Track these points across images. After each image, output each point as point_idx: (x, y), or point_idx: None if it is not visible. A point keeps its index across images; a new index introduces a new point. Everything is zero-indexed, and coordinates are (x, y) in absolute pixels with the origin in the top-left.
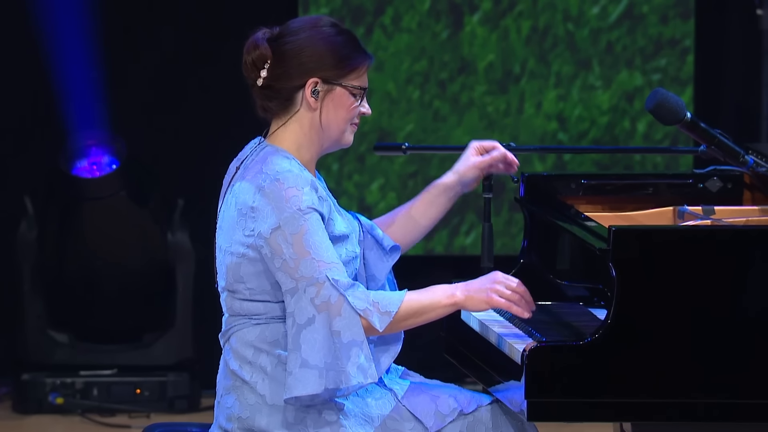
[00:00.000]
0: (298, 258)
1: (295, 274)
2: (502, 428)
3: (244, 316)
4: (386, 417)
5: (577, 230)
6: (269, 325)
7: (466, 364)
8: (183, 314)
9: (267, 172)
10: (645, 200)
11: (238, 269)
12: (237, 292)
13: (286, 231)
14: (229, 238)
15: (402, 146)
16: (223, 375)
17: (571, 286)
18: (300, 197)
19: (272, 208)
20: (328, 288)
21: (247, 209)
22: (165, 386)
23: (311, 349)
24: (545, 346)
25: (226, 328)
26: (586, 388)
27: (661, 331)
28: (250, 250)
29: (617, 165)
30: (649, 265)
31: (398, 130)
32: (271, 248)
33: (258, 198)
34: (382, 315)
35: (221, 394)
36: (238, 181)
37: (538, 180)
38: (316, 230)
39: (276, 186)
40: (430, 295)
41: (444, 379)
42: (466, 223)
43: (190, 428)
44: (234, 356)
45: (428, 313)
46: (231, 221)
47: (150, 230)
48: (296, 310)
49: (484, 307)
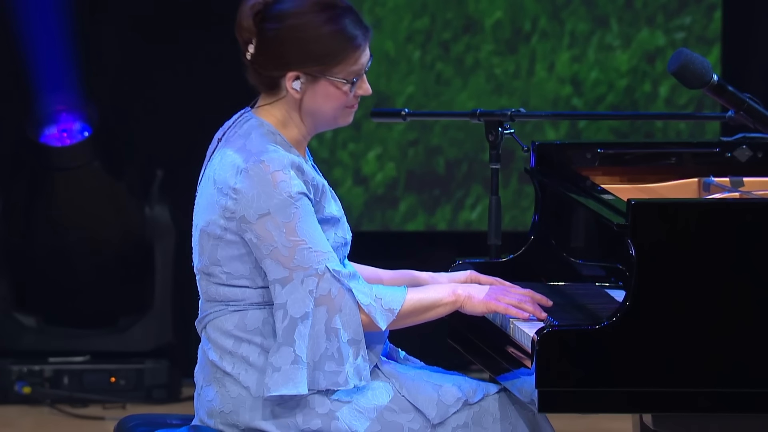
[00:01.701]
0: (293, 247)
1: (290, 263)
2: (511, 419)
3: (220, 302)
4: (383, 408)
5: (593, 204)
6: (248, 312)
7: (472, 351)
8: (162, 296)
9: (250, 151)
10: (667, 171)
11: (214, 251)
12: (213, 275)
13: (277, 218)
14: (205, 217)
15: (401, 112)
16: (202, 366)
17: (587, 265)
18: (289, 182)
19: (258, 193)
20: (329, 280)
21: (228, 189)
22: (142, 374)
23: (306, 346)
24: (558, 330)
25: (202, 314)
26: (602, 377)
27: (686, 314)
28: (229, 233)
29: (637, 132)
30: (672, 242)
31: (397, 94)
32: (259, 235)
33: (241, 180)
34: (385, 312)
35: (201, 386)
36: (218, 154)
37: (550, 149)
38: (308, 217)
39: (260, 168)
40: (432, 293)
41: (447, 366)
42: (472, 196)
43: (170, 420)
44: (213, 346)
45: (429, 311)
46: (209, 198)
47: (126, 204)
48: (290, 302)
49: (482, 310)
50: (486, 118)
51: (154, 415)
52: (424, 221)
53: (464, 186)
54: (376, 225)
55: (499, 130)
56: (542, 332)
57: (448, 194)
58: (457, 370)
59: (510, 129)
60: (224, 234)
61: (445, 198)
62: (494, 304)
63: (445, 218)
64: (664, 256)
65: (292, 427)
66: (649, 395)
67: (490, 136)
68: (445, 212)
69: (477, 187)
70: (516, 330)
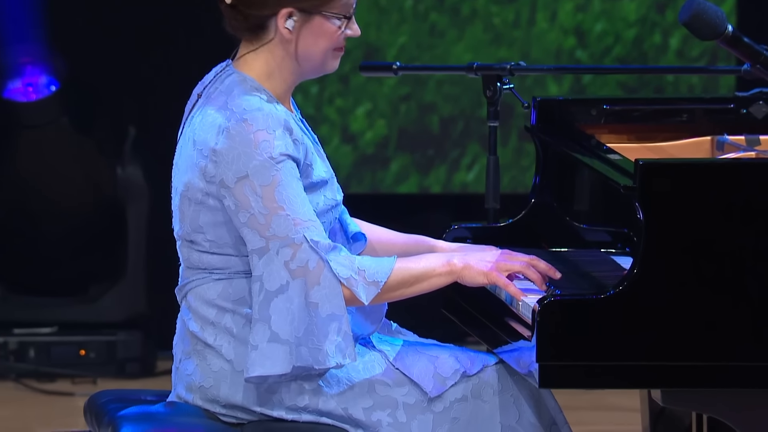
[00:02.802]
0: (270, 213)
1: (266, 232)
2: (512, 391)
3: (203, 269)
4: (376, 382)
5: (598, 164)
6: (233, 281)
7: (468, 322)
8: (135, 262)
9: (232, 109)
10: (678, 129)
11: (196, 217)
12: (195, 242)
13: (255, 181)
14: (185, 180)
15: (392, 65)
16: (181, 337)
17: (591, 230)
18: (271, 142)
19: (238, 154)
20: (306, 251)
21: (208, 151)
22: (114, 347)
23: (282, 321)
24: (560, 300)
25: (183, 282)
26: (608, 350)
27: (698, 283)
28: (210, 198)
29: (646, 87)
30: (683, 205)
31: (388, 46)
32: (237, 200)
33: (221, 140)
34: (368, 285)
35: (180, 359)
36: (198, 112)
37: (552, 105)
38: (290, 182)
39: (243, 128)
40: (423, 263)
41: (442, 339)
42: (468, 156)
43: (144, 396)
44: (194, 316)
45: (421, 282)
46: (188, 161)
47: (96, 164)
48: (266, 274)
49: (482, 280)
50: (483, 72)
51: (127, 391)
52: (417, 183)
53: (460, 145)
54: (365, 187)
55: (497, 84)
56: (544, 302)
57: (443, 154)
58: (452, 343)
59: (509, 84)
60: (206, 199)
61: (439, 158)
62: (495, 276)
63: (440, 180)
64: (675, 220)
65: (277, 405)
66: (659, 369)
67: (488, 91)
68: (439, 173)
69: (474, 147)
70: (516, 300)
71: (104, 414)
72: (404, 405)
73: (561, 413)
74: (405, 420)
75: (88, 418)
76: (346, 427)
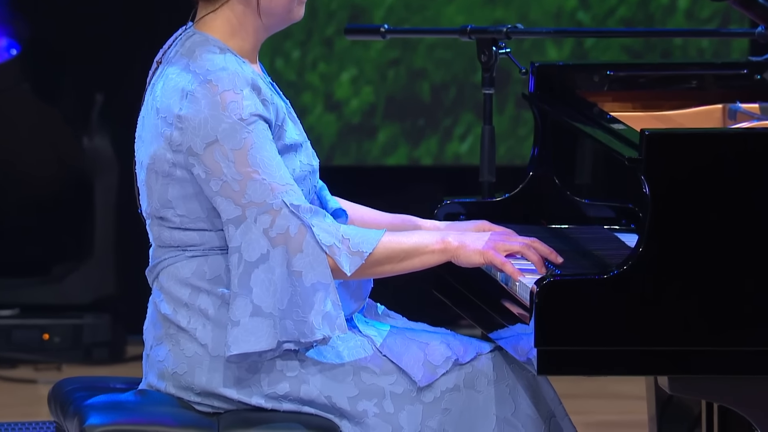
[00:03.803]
0: (244, 179)
1: (241, 199)
2: (508, 380)
3: (176, 247)
4: (362, 369)
5: (601, 134)
6: (208, 258)
7: (461, 304)
8: (103, 240)
9: (195, 71)
10: (687, 96)
11: (164, 192)
12: (166, 219)
13: (225, 146)
14: (151, 152)
15: (380, 28)
16: (153, 322)
17: (594, 206)
18: (240, 103)
19: (205, 118)
20: (287, 216)
21: (172, 118)
22: (80, 331)
23: (265, 293)
24: (560, 280)
25: (154, 262)
26: (612, 334)
27: (707, 262)
28: (178, 169)
29: (652, 52)
30: (692, 178)
31: (375, 7)
32: (207, 168)
33: (186, 105)
34: (352, 255)
35: (151, 345)
36: (159, 79)
37: (552, 71)
38: (263, 143)
39: (208, 89)
40: (416, 238)
41: (433, 322)
42: (461, 125)
43: (113, 384)
44: (166, 298)
45: (411, 258)
46: (153, 131)
47: (61, 133)
48: (244, 244)
49: (477, 259)
50: (478, 36)
51: (95, 378)
52: (406, 154)
53: (452, 114)
54: (351, 158)
55: (492, 49)
56: (543, 283)
57: (434, 123)
58: (444, 327)
59: (505, 48)
60: (173, 170)
61: (430, 128)
62: (492, 255)
63: (431, 151)
64: (683, 194)
65: (255, 392)
66: (666, 354)
67: (483, 56)
68: (430, 144)
69: (467, 115)
70: (513, 280)
71: (70, 403)
72: (392, 394)
73: (561, 405)
74: (392, 410)
75: (52, 407)
76: (328, 416)
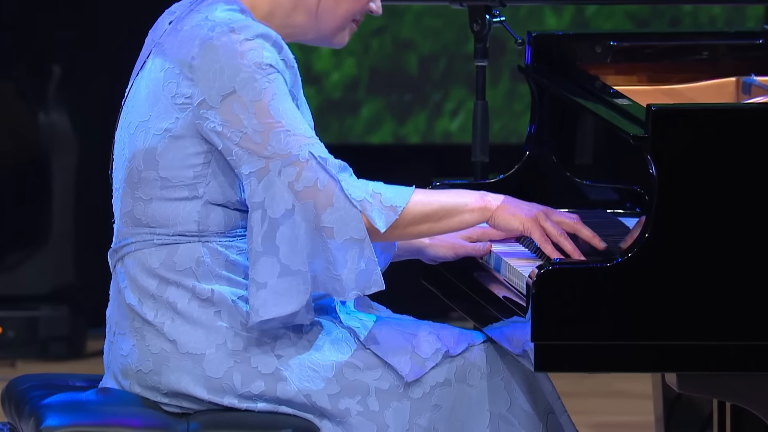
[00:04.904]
0: (266, 130)
1: (264, 150)
2: (503, 374)
3: (145, 225)
4: (343, 364)
5: (604, 110)
6: (178, 247)
7: (451, 294)
8: (61, 225)
9: (215, 20)
10: (698, 69)
11: (152, 152)
12: (143, 183)
13: (244, 97)
14: (148, 111)
15: None
16: (116, 308)
17: (596, 188)
18: (260, 51)
19: (221, 68)
20: (314, 168)
21: (183, 68)
22: (36, 324)
23: (292, 251)
24: (560, 268)
25: (120, 243)
26: (615, 327)
27: (720, 248)
28: (179, 125)
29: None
30: (703, 158)
31: None
32: (224, 120)
33: (200, 54)
34: (385, 210)
35: (114, 332)
36: (170, 37)
37: (550, 41)
38: (284, 95)
39: (228, 37)
40: (453, 196)
41: (421, 314)
42: (452, 100)
43: (72, 382)
44: (131, 285)
45: (448, 218)
46: (155, 87)
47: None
48: (267, 200)
49: (517, 226)
50: (469, 2)
51: (53, 375)
52: (392, 132)
53: (442, 88)
54: (332, 136)
55: (485, 17)
56: (541, 271)
57: (422, 98)
58: (432, 319)
59: (500, 16)
60: (173, 126)
61: (418, 103)
62: (530, 223)
63: (419, 128)
64: (693, 175)
65: (228, 392)
66: (674, 349)
67: (475, 25)
68: (418, 121)
69: (459, 89)
70: (508, 268)
71: (25, 402)
72: (377, 391)
73: (559, 400)
74: (378, 408)
75: (5, 406)
76: (307, 416)
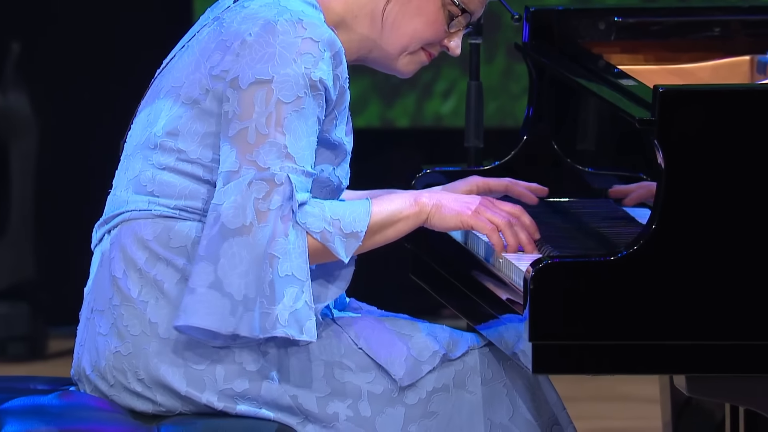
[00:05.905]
0: (266, 135)
1: (248, 153)
2: (504, 380)
3: (148, 194)
4: (334, 365)
5: (608, 92)
6: (176, 224)
7: (443, 290)
8: (20, 216)
9: (286, 7)
10: (709, 47)
11: (178, 117)
12: (158, 149)
13: (276, 92)
14: (183, 77)
15: None
16: (98, 281)
17: (599, 175)
18: (316, 62)
19: (272, 53)
20: (283, 193)
21: (235, 40)
22: None
23: (232, 269)
24: (560, 263)
25: (116, 210)
26: (620, 325)
27: (732, 240)
28: (208, 99)
29: None
30: (714, 142)
31: None
32: (238, 109)
33: (259, 32)
34: (347, 238)
35: (92, 308)
36: (233, 12)
37: (550, 17)
38: (309, 116)
39: (294, 28)
40: (387, 202)
41: (410, 312)
42: (443, 81)
43: (33, 385)
44: (120, 254)
45: (388, 228)
46: (200, 55)
47: None
48: (226, 205)
49: (455, 224)
50: None
51: (12, 378)
52: (379, 114)
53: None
54: None
55: None
56: (539, 266)
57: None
58: (423, 317)
59: None
60: (202, 98)
61: (406, 83)
62: (468, 217)
63: (407, 111)
64: (703, 162)
65: (209, 386)
66: (683, 350)
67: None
68: (407, 104)
69: (451, 70)
70: (503, 263)
71: None
72: (369, 395)
73: (564, 410)
74: (369, 414)
75: None
76: (290, 422)
